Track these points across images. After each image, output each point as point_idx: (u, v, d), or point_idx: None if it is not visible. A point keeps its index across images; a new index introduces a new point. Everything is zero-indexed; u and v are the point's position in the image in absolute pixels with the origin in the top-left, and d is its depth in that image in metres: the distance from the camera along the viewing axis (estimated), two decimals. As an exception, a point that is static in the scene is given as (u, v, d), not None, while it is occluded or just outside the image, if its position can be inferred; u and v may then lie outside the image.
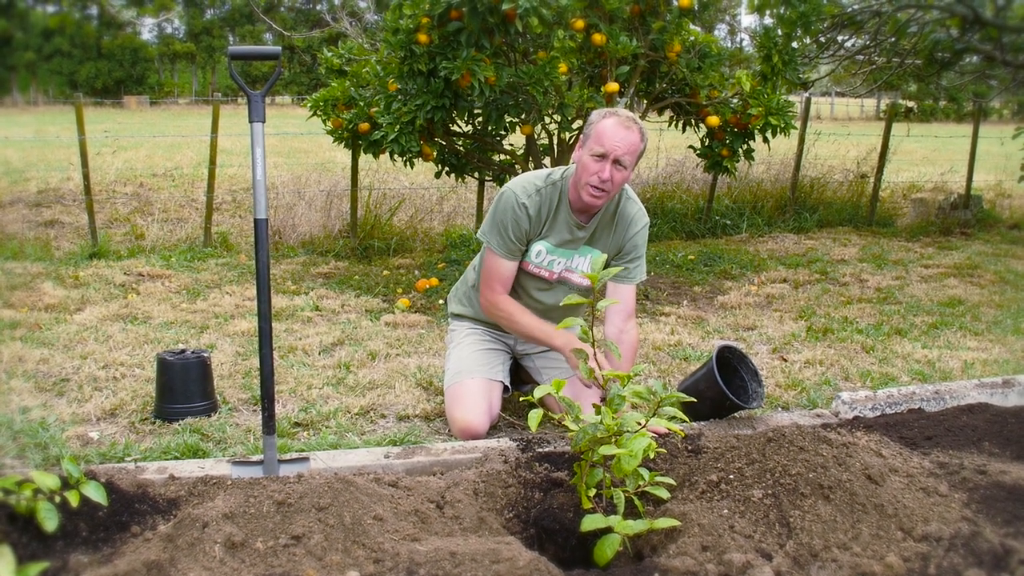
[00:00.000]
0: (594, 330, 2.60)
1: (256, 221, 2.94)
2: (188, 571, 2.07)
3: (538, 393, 2.53)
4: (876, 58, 10.30)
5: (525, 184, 3.58)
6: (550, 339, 3.48)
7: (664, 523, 2.29)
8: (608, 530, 2.27)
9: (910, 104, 11.74)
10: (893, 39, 9.43)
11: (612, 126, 3.35)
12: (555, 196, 3.56)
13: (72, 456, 2.70)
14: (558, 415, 2.65)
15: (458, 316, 4.00)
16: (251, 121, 2.92)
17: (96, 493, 2.36)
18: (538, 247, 3.62)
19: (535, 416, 2.43)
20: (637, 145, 3.39)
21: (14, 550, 2.11)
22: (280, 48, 3.01)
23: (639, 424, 2.40)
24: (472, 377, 3.64)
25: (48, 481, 2.27)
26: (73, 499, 2.30)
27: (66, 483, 2.35)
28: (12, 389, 4.09)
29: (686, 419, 2.56)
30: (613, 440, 2.38)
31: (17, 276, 6.49)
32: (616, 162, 3.35)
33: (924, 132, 14.43)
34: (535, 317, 3.58)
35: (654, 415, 2.42)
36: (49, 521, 2.22)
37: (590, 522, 2.29)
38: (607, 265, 3.57)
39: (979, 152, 10.68)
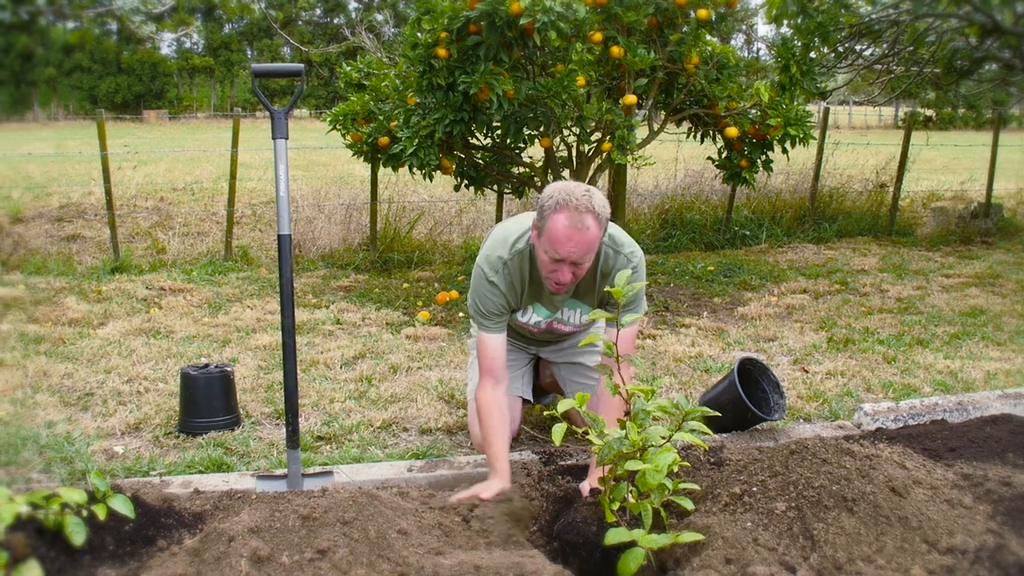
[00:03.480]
0: (617, 346, 2.61)
1: (280, 237, 2.97)
2: (215, 585, 2.09)
3: (561, 407, 2.54)
4: (894, 67, 10.26)
5: (491, 259, 3.33)
6: (494, 462, 3.13)
7: (688, 537, 2.28)
8: (632, 544, 2.27)
9: (929, 112, 11.68)
10: (911, 48, 9.38)
11: (564, 229, 3.00)
12: (524, 265, 3.34)
13: (98, 470, 2.73)
14: (581, 428, 2.65)
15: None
16: (274, 138, 2.95)
17: (123, 506, 2.38)
18: (526, 310, 3.52)
19: (559, 430, 2.43)
20: (592, 243, 3.07)
21: (42, 564, 2.13)
22: (303, 66, 3.04)
23: (664, 439, 2.40)
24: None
25: (75, 496, 2.29)
26: (100, 513, 2.32)
27: (93, 497, 2.36)
28: (37, 403, 4.13)
29: (709, 432, 2.56)
30: (639, 455, 2.38)
31: (41, 291, 6.55)
32: (573, 263, 3.09)
33: (943, 140, 14.34)
34: (500, 438, 3.20)
35: (679, 429, 2.42)
36: (77, 535, 2.24)
37: (614, 536, 2.29)
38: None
39: (999, 160, 10.64)
